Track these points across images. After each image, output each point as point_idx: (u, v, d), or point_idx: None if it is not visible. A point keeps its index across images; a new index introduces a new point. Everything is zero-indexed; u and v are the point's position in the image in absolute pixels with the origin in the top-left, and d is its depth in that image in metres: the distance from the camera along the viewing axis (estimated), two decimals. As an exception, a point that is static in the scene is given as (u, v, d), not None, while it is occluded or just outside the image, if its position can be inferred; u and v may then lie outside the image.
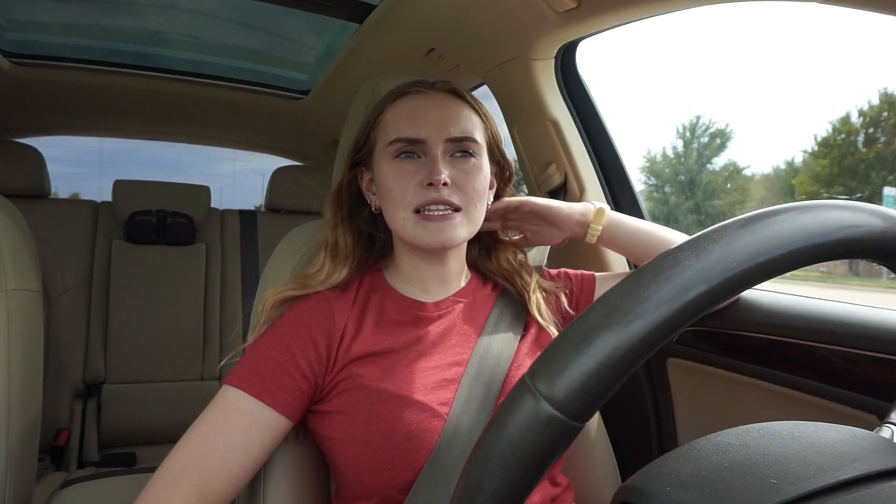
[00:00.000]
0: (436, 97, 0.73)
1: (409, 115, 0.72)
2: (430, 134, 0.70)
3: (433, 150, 0.70)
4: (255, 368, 0.66)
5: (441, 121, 0.71)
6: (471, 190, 0.70)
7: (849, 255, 0.33)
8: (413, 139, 0.70)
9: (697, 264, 0.29)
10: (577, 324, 0.30)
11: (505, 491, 0.29)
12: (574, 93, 1.18)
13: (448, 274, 0.76)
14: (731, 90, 62.68)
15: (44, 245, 1.79)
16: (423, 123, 0.70)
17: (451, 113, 0.72)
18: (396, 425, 0.64)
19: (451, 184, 0.69)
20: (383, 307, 0.74)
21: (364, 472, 0.65)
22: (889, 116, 18.50)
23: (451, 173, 0.69)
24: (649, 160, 29.45)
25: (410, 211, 0.69)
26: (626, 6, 0.92)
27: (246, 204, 22.80)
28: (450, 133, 0.70)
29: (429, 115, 0.71)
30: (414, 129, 0.70)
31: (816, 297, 0.83)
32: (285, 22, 1.58)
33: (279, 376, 0.65)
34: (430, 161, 0.70)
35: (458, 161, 0.71)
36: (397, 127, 0.71)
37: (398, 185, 0.70)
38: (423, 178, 0.68)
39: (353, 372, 0.67)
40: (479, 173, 0.72)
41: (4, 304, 0.77)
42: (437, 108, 0.72)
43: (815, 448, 0.32)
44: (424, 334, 0.71)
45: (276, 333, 0.69)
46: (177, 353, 1.92)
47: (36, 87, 1.80)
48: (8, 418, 0.75)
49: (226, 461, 0.62)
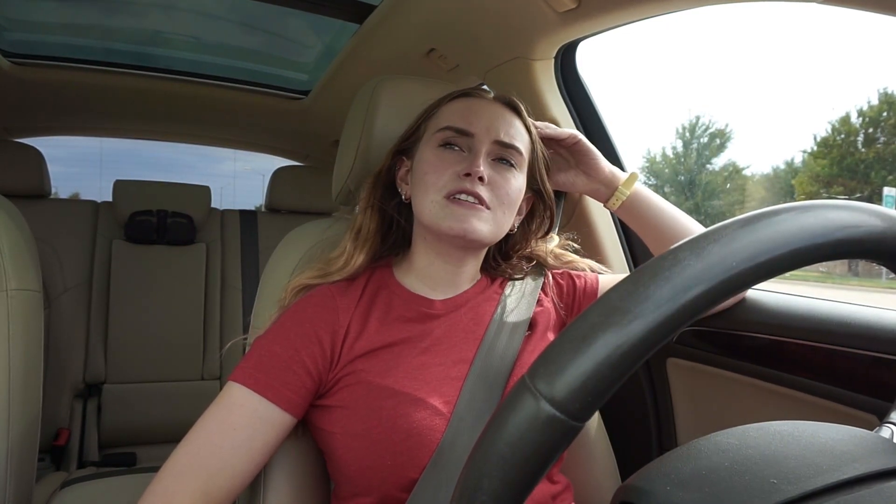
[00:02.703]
0: (493, 103, 0.76)
1: (465, 109, 0.74)
2: (480, 131, 0.72)
3: (478, 146, 0.72)
4: (260, 365, 0.66)
5: (493, 123, 0.73)
6: (504, 194, 0.72)
7: (848, 255, 0.33)
8: (463, 130, 0.72)
9: (697, 264, 0.29)
10: (577, 324, 0.30)
11: (505, 491, 0.29)
12: (574, 93, 1.18)
13: (460, 277, 0.77)
14: (731, 90, 62.69)
15: (44, 245, 1.79)
16: (475, 119, 0.73)
17: (504, 120, 0.74)
18: (398, 421, 0.64)
19: (486, 181, 0.70)
20: (390, 304, 0.74)
21: (363, 468, 0.65)
22: (889, 116, 18.49)
23: (490, 173, 0.71)
24: (649, 160, 29.45)
25: (441, 195, 0.70)
26: (626, 6, 0.92)
27: (246, 204, 22.78)
28: (499, 136, 0.72)
29: (483, 114, 0.74)
30: (465, 122, 0.72)
31: (816, 297, 0.84)
32: (285, 22, 1.58)
33: (284, 374, 0.65)
34: (473, 155, 0.71)
35: (498, 165, 0.73)
36: (450, 118, 0.74)
37: (435, 170, 0.71)
38: (462, 168, 0.70)
39: (357, 367, 0.67)
40: (514, 183, 0.73)
41: (5, 304, 0.77)
42: (492, 112, 0.74)
43: (815, 448, 0.32)
44: (430, 331, 0.72)
45: (280, 330, 0.69)
46: (177, 352, 1.92)
47: (36, 87, 1.80)
48: (8, 418, 0.75)
49: (230, 459, 0.62)
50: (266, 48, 1.77)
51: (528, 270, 0.83)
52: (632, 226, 0.90)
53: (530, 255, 0.84)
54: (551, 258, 0.85)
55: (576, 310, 0.82)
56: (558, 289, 0.82)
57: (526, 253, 0.84)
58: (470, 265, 0.77)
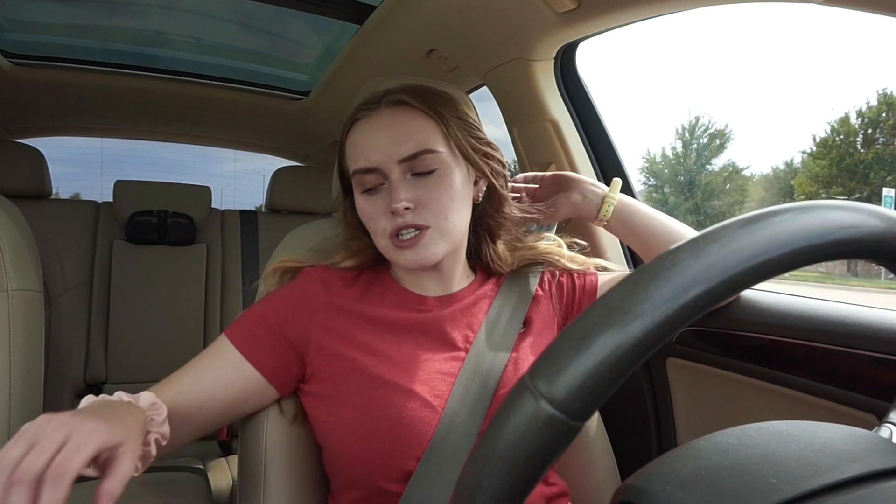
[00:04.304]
0: (383, 116, 0.71)
1: (360, 143, 0.71)
2: (382, 159, 0.69)
3: (390, 175, 0.69)
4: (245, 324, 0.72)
5: (390, 142, 0.69)
6: (436, 205, 0.69)
7: (848, 256, 0.33)
8: (367, 169, 0.70)
9: (697, 264, 0.29)
10: (577, 324, 0.30)
11: (504, 490, 0.29)
12: (574, 94, 1.19)
13: (445, 279, 0.76)
14: (731, 91, 62.68)
15: (44, 245, 1.79)
16: (371, 151, 0.69)
17: (399, 130, 0.69)
18: (388, 411, 0.64)
19: (414, 207, 0.68)
20: (383, 296, 0.75)
21: (353, 458, 0.66)
22: (888, 117, 18.49)
23: (413, 195, 0.68)
24: (649, 161, 29.52)
25: (387, 238, 0.70)
26: (626, 7, 0.92)
27: (246, 204, 22.79)
28: (400, 154, 0.68)
29: (377, 139, 0.69)
30: (365, 159, 0.70)
31: (815, 297, 0.84)
32: (286, 23, 1.58)
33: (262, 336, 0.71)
34: (391, 187, 0.69)
35: (419, 179, 0.69)
36: (353, 159, 0.72)
37: (370, 216, 0.71)
38: (388, 206, 0.69)
39: (349, 355, 0.68)
40: (443, 185, 0.70)
41: (5, 305, 0.77)
42: (384, 129, 0.70)
43: (815, 448, 0.33)
44: (424, 326, 0.72)
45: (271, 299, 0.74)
46: (177, 353, 1.91)
47: (36, 88, 1.80)
48: (9, 418, 0.75)
49: (201, 387, 0.70)
50: (266, 49, 1.77)
51: (525, 266, 0.81)
52: (625, 237, 0.89)
53: (544, 259, 0.81)
54: (567, 261, 0.82)
55: (575, 308, 0.82)
56: (558, 287, 0.82)
57: (535, 254, 0.81)
58: (450, 269, 0.76)
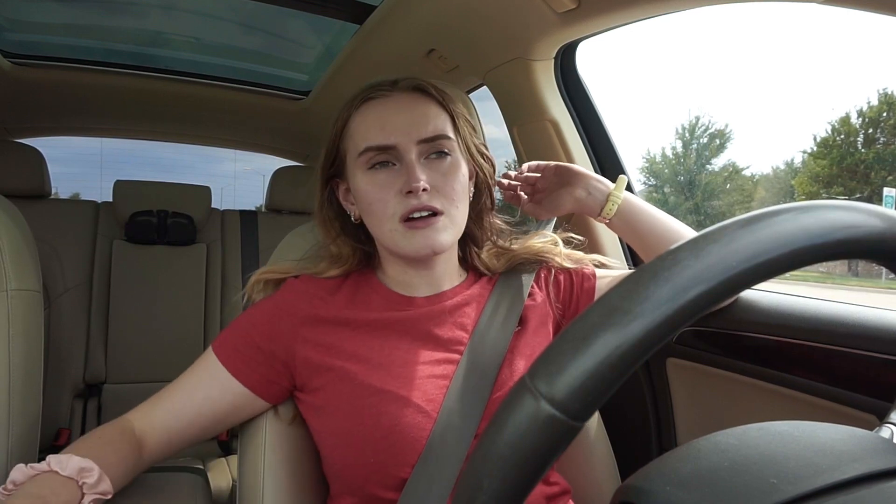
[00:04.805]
0: (401, 98, 0.70)
1: (376, 120, 0.69)
2: (401, 138, 0.67)
3: (407, 155, 0.67)
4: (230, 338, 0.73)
5: (410, 123, 0.68)
6: (451, 192, 0.69)
7: (848, 256, 0.33)
8: (384, 146, 0.68)
9: (697, 264, 0.29)
10: (577, 324, 0.30)
11: (505, 490, 0.29)
12: (574, 93, 1.19)
13: (436, 278, 0.75)
14: (731, 91, 62.67)
15: (44, 245, 1.79)
16: (391, 128, 0.68)
17: (419, 112, 0.69)
18: (381, 420, 0.64)
19: (430, 188, 0.67)
20: (370, 300, 0.73)
21: (347, 465, 0.66)
22: (888, 117, 18.49)
23: (429, 177, 0.67)
24: (649, 160, 29.49)
25: (397, 221, 0.68)
26: (626, 7, 0.92)
27: (246, 204, 22.77)
28: (420, 134, 0.68)
29: (396, 118, 0.68)
30: (383, 136, 0.68)
31: (815, 297, 0.84)
32: (286, 23, 1.58)
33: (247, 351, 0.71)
34: (406, 167, 0.67)
35: (434, 162, 0.69)
36: (366, 136, 0.69)
37: (378, 197, 0.68)
38: (402, 186, 0.67)
39: (337, 365, 0.67)
40: (457, 172, 0.70)
41: (5, 305, 0.77)
42: (404, 110, 0.69)
43: (815, 448, 0.33)
44: (409, 324, 0.71)
45: (254, 313, 0.74)
46: (177, 353, 1.92)
47: (36, 88, 1.80)
48: (8, 418, 0.75)
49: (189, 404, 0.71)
50: (266, 49, 1.77)
51: (519, 265, 0.80)
52: (626, 235, 0.88)
53: (539, 258, 0.80)
54: (563, 259, 0.81)
55: (573, 306, 0.81)
56: (555, 284, 0.80)
57: (530, 253, 0.80)
58: (441, 266, 0.75)
